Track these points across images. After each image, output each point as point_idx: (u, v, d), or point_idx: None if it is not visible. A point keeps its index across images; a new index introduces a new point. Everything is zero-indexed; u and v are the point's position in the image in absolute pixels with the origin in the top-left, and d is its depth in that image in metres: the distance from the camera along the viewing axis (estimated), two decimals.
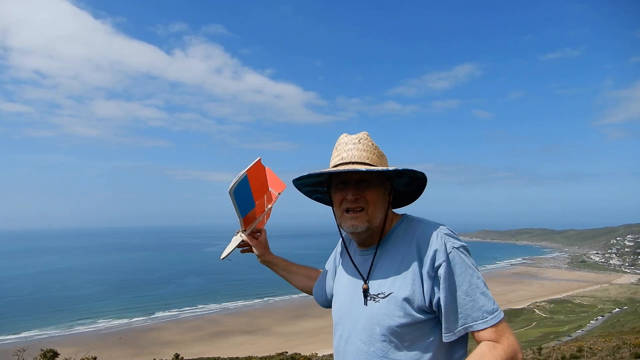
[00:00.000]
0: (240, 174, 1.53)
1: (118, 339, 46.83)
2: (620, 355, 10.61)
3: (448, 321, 1.24)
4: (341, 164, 1.39)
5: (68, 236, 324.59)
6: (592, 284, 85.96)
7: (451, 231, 1.33)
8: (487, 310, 1.22)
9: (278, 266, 1.97)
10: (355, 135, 1.45)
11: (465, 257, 1.28)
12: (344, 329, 1.42)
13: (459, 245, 1.29)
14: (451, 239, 1.29)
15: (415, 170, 1.35)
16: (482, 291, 1.24)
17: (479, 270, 1.29)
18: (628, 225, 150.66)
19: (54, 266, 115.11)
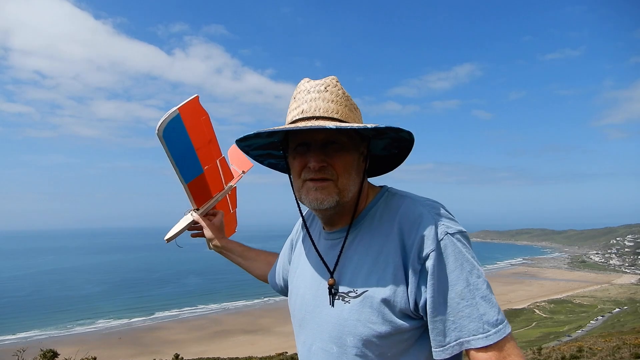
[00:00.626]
0: (170, 110, 1.19)
1: (118, 339, 46.82)
2: (620, 355, 10.62)
3: (437, 332, 0.89)
4: (301, 120, 1.00)
5: (68, 236, 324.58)
6: (592, 284, 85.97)
7: (446, 211, 0.97)
8: (488, 322, 0.85)
9: (233, 252, 1.56)
10: (320, 80, 1.05)
11: (463, 246, 0.91)
12: (308, 334, 1.08)
13: (455, 231, 0.93)
14: (445, 220, 0.93)
15: (401, 129, 0.95)
16: (484, 294, 0.87)
17: (481, 266, 0.92)
18: (628, 225, 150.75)
19: (54, 266, 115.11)
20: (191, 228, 1.57)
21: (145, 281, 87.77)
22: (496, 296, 0.85)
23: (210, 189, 1.52)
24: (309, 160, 0.98)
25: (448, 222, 0.93)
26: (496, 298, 0.87)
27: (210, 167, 1.47)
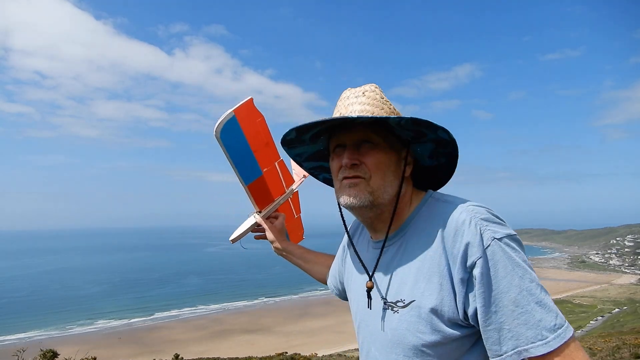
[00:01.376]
0: (226, 112, 1.20)
1: (118, 339, 46.83)
2: (620, 355, 10.62)
3: (492, 342, 0.85)
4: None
5: (68, 236, 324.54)
6: (592, 284, 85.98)
7: (492, 214, 0.91)
8: (546, 327, 0.83)
9: (294, 254, 1.61)
10: (359, 87, 1.08)
11: (512, 251, 0.87)
12: (364, 340, 1.11)
13: (503, 235, 0.88)
14: (491, 225, 0.88)
15: (434, 125, 0.94)
16: (539, 299, 0.85)
17: (533, 270, 0.88)
18: (628, 225, 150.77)
19: (54, 266, 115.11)
20: (254, 230, 1.61)
21: (145, 281, 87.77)
22: None
23: (271, 191, 1.53)
24: (343, 159, 1.00)
25: (494, 226, 0.88)
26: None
27: (270, 169, 1.48)
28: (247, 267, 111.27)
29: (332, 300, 68.59)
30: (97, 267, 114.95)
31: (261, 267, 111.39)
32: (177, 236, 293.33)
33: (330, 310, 60.34)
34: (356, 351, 36.72)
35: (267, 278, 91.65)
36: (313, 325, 51.45)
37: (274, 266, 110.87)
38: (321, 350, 32.69)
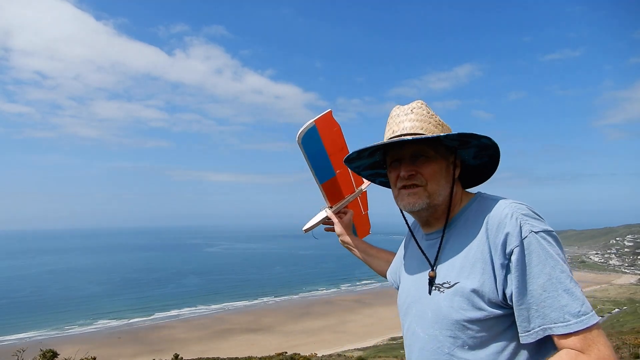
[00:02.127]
0: (308, 122, 1.40)
1: (117, 338, 46.83)
2: (620, 355, 10.62)
3: (522, 319, 1.00)
4: (391, 139, 1.22)
5: (68, 236, 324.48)
6: (592, 284, 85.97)
7: (532, 211, 1.07)
8: (570, 312, 0.94)
9: (358, 249, 1.83)
10: (407, 105, 1.28)
11: (547, 244, 1.00)
12: (411, 321, 1.25)
13: (541, 229, 1.02)
14: (530, 220, 1.04)
15: (477, 135, 1.14)
16: (567, 287, 0.96)
17: (567, 264, 1.00)
18: (628, 225, 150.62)
19: (54, 266, 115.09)
20: (325, 223, 1.83)
21: (146, 281, 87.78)
22: None
23: (342, 190, 1.75)
24: (400, 171, 1.20)
25: (533, 221, 1.03)
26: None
27: (342, 171, 1.68)
28: (247, 267, 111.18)
29: (333, 300, 68.56)
30: (97, 267, 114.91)
31: (261, 267, 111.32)
32: (177, 236, 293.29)
33: (330, 310, 60.32)
34: (356, 351, 36.77)
35: (267, 278, 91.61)
36: (313, 325, 51.46)
37: (274, 266, 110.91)
38: (321, 350, 32.70)
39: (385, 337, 47.20)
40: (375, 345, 42.88)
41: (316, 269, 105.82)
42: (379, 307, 63.99)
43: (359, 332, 50.19)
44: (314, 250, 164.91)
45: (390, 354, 32.31)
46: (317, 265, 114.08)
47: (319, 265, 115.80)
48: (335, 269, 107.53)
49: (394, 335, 48.05)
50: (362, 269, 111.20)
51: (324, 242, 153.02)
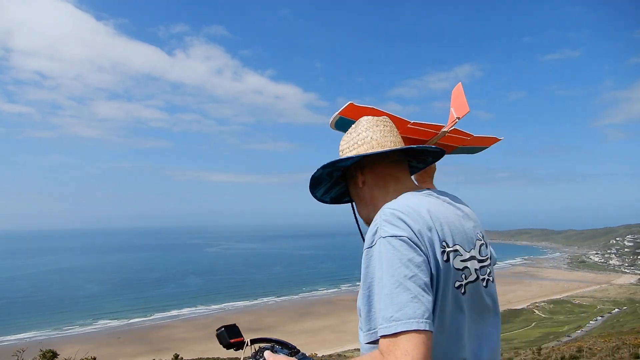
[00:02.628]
0: (334, 114, 1.41)
1: (117, 338, 46.84)
2: (620, 355, 10.62)
3: (362, 319, 0.99)
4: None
5: (68, 236, 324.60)
6: (592, 284, 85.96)
7: (394, 216, 0.98)
8: (384, 317, 0.89)
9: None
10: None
11: (391, 248, 0.93)
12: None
13: (389, 235, 0.95)
14: (385, 225, 0.97)
15: (340, 160, 1.17)
16: (389, 292, 0.90)
17: (411, 268, 0.91)
18: (627, 225, 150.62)
19: (54, 266, 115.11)
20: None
21: (145, 281, 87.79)
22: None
23: (420, 139, 1.67)
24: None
25: (387, 226, 0.96)
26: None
27: (403, 130, 1.56)
28: (247, 267, 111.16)
29: (333, 300, 68.61)
30: (97, 267, 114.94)
31: (261, 267, 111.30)
32: (177, 236, 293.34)
33: (331, 310, 60.34)
34: (356, 351, 36.67)
35: (267, 278, 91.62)
36: (314, 325, 51.48)
37: (274, 266, 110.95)
38: (321, 350, 32.71)
39: None
40: None
41: (316, 269, 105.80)
42: None
43: None
44: (314, 250, 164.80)
45: None
46: (317, 265, 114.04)
47: (319, 265, 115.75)
48: (335, 269, 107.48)
49: None
50: None
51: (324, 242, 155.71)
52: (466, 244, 1.05)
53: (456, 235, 1.03)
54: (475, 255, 1.07)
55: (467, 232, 1.07)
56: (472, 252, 1.06)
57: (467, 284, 1.02)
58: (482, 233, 1.15)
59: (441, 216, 1.03)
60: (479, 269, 1.07)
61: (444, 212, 1.06)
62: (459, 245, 1.02)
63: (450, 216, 1.06)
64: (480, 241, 1.12)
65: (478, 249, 1.09)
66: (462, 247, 1.03)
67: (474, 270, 1.05)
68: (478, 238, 1.11)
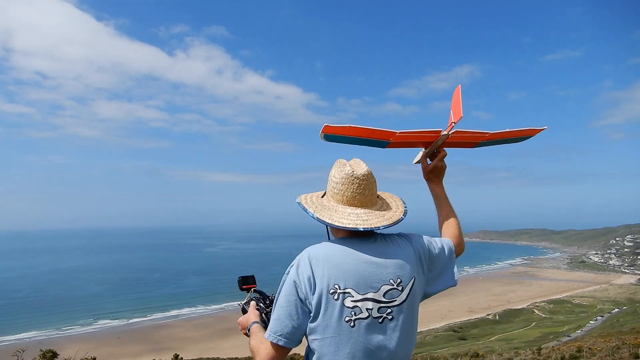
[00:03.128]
0: (320, 131, 1.47)
1: (117, 338, 46.85)
2: (620, 355, 10.62)
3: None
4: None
5: (68, 236, 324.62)
6: (592, 284, 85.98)
7: (300, 260, 1.33)
8: (269, 328, 1.31)
9: (432, 195, 1.82)
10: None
11: (285, 283, 1.31)
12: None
13: (289, 273, 1.32)
14: (292, 266, 1.33)
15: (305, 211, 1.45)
16: (274, 313, 1.32)
17: (286, 297, 1.28)
18: (627, 225, 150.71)
19: (54, 266, 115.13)
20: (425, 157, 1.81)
21: (145, 281, 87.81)
22: (495, 296, 0.95)
23: (415, 144, 1.77)
24: None
25: (292, 266, 1.32)
26: (496, 298, 1.13)
27: (393, 141, 1.62)
28: (247, 267, 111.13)
29: None
30: (97, 267, 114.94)
31: (261, 267, 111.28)
32: (177, 236, 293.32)
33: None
34: None
35: (267, 278, 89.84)
36: None
37: (274, 266, 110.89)
38: None
39: None
40: None
41: None
42: None
43: None
44: None
45: None
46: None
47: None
48: None
49: None
50: None
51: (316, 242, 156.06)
52: (361, 288, 1.26)
53: (349, 280, 1.25)
54: (374, 297, 1.26)
55: (366, 278, 1.27)
56: (368, 294, 1.26)
57: (357, 319, 1.25)
58: (399, 279, 1.31)
59: (338, 264, 1.27)
60: (377, 309, 1.26)
61: (342, 261, 1.28)
62: (350, 288, 1.25)
63: (348, 265, 1.28)
64: (391, 286, 1.29)
65: (382, 293, 1.27)
66: (354, 290, 1.25)
67: (365, 309, 1.25)
68: (388, 284, 1.29)
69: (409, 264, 1.37)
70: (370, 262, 1.31)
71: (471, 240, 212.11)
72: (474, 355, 15.77)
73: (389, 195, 1.60)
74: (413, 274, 1.36)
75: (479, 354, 16.11)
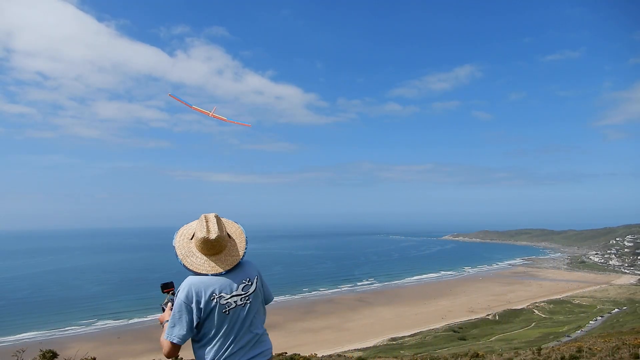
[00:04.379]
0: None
1: (117, 338, 46.83)
2: (620, 355, 10.62)
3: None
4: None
5: (68, 236, 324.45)
6: (592, 284, 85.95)
7: (188, 283, 2.12)
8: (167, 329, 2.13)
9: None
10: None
11: (178, 301, 2.11)
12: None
13: (177, 295, 2.15)
14: (181, 289, 2.14)
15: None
16: (170, 318, 2.13)
17: (179, 312, 2.08)
18: (627, 225, 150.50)
19: (54, 266, 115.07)
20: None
21: (146, 281, 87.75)
22: (495, 296, 1.01)
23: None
24: None
25: (180, 289, 2.14)
26: (496, 298, 1.14)
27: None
28: None
29: (333, 300, 68.58)
30: (97, 267, 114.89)
31: (261, 267, 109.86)
32: None
33: (330, 310, 60.34)
34: (356, 351, 36.66)
35: (267, 278, 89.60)
36: (314, 325, 51.44)
37: (274, 266, 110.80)
38: (321, 351, 32.66)
39: (385, 337, 47.19)
40: (375, 346, 42.86)
41: (316, 269, 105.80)
42: (379, 307, 64.01)
43: (359, 332, 50.18)
44: (314, 250, 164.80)
45: (390, 354, 32.29)
46: (317, 265, 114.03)
47: (319, 265, 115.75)
48: (335, 269, 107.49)
49: (394, 335, 48.04)
50: (362, 268, 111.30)
51: (324, 242, 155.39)
52: (228, 290, 2.13)
53: (222, 288, 2.12)
54: (237, 293, 2.15)
55: (231, 284, 2.15)
56: (233, 293, 2.14)
57: (230, 309, 2.11)
58: (248, 278, 2.23)
59: (212, 282, 2.12)
60: (240, 299, 2.16)
61: (212, 279, 2.13)
62: (223, 293, 2.11)
63: (217, 280, 2.13)
64: (244, 284, 2.20)
65: (240, 288, 2.17)
66: (224, 293, 2.11)
67: (233, 302, 2.13)
68: (242, 283, 2.19)
69: (252, 269, 2.30)
70: (228, 275, 2.18)
71: (471, 241, 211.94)
72: (474, 355, 15.77)
73: (238, 232, 2.35)
74: (256, 274, 2.30)
75: (478, 354, 16.10)
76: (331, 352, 31.94)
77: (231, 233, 2.32)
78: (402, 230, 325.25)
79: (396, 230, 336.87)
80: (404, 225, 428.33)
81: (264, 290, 2.35)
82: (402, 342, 44.41)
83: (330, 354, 25.33)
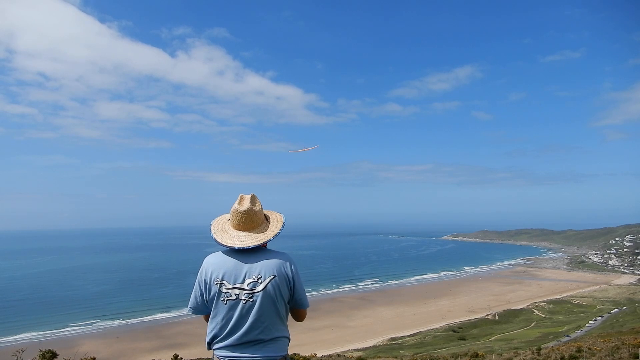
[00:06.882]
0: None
1: (116, 338, 46.83)
2: (619, 355, 10.64)
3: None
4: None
5: (68, 236, 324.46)
6: (591, 284, 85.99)
7: (204, 261, 2.18)
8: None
9: None
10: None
11: (197, 279, 2.18)
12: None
13: (199, 273, 2.20)
14: (201, 268, 2.18)
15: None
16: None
17: (197, 286, 2.16)
18: (627, 225, 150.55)
19: (54, 266, 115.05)
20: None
21: (146, 281, 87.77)
22: (495, 296, 0.99)
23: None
24: None
25: (201, 268, 2.18)
26: (495, 298, 1.11)
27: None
28: None
29: (333, 300, 68.58)
30: (98, 267, 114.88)
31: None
32: (177, 236, 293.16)
33: (330, 310, 60.32)
34: (356, 351, 36.59)
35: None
36: (313, 325, 51.38)
37: None
38: (321, 350, 32.69)
39: (385, 337, 47.21)
40: (375, 346, 42.88)
41: (316, 269, 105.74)
42: (379, 307, 64.03)
43: (359, 332, 50.19)
44: (314, 250, 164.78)
45: (390, 354, 32.29)
46: (317, 266, 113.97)
47: (319, 265, 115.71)
48: (335, 269, 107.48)
49: (394, 335, 48.05)
50: (362, 269, 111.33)
51: (324, 242, 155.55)
52: (232, 280, 2.03)
53: (226, 275, 2.04)
54: (241, 287, 2.02)
55: (237, 274, 2.04)
56: (236, 285, 2.03)
57: (228, 300, 2.03)
58: (259, 275, 2.05)
59: (219, 265, 2.08)
60: (242, 294, 2.02)
61: (222, 263, 2.08)
62: (225, 281, 2.04)
63: (224, 265, 2.07)
64: (254, 280, 2.03)
65: (247, 284, 2.03)
66: (227, 282, 2.04)
67: (234, 294, 2.02)
68: (251, 278, 2.03)
69: (273, 267, 2.08)
70: (241, 263, 2.07)
71: (471, 241, 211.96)
72: (474, 355, 15.79)
73: (277, 218, 2.40)
74: (273, 274, 2.06)
75: (478, 354, 16.13)
76: (331, 352, 31.96)
77: (270, 217, 2.37)
78: (402, 230, 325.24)
79: (396, 230, 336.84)
80: (404, 225, 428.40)
81: (291, 294, 2.16)
82: (401, 342, 44.43)
83: (330, 353, 25.35)
